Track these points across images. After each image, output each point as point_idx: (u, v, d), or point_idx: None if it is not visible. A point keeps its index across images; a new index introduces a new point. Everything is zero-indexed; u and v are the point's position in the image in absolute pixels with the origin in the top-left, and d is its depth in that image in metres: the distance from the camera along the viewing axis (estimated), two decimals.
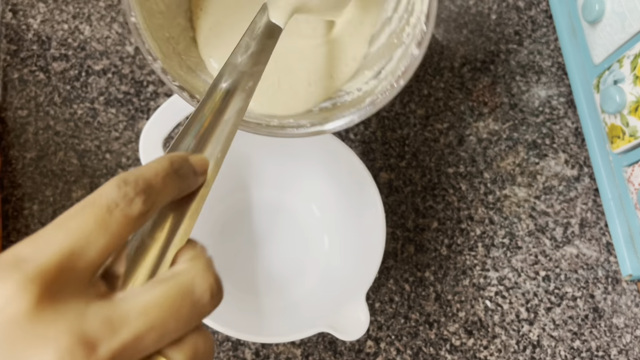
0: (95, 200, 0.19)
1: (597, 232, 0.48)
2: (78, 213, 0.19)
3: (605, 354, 0.45)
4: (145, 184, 0.20)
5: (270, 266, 0.43)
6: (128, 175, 0.20)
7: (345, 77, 0.38)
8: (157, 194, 0.20)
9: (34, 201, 0.44)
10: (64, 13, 0.50)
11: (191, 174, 0.22)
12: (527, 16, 0.53)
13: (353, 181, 0.42)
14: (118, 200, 0.19)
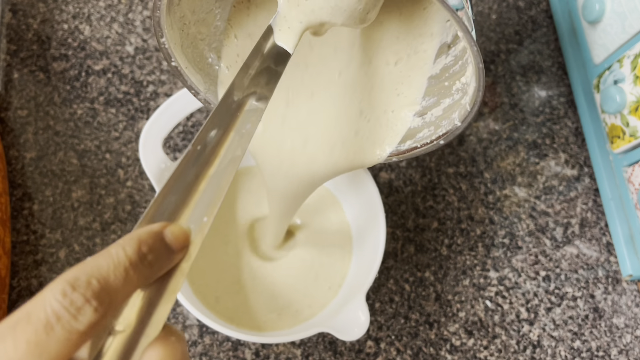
0: (30, 314, 0.15)
1: (597, 232, 0.48)
2: (7, 334, 0.15)
3: (605, 354, 0.45)
4: (100, 285, 0.16)
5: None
6: (77, 274, 0.16)
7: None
8: (116, 295, 0.16)
9: (34, 201, 0.44)
10: (64, 13, 0.50)
11: (164, 254, 0.19)
12: (527, 16, 0.53)
13: (353, 181, 0.42)
14: (60, 313, 0.15)
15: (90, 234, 0.44)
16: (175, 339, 0.18)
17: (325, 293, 0.42)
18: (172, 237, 0.19)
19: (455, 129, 0.31)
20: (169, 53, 0.31)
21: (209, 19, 0.33)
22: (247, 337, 0.36)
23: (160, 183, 0.39)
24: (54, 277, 0.43)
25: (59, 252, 0.43)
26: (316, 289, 0.42)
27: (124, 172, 0.46)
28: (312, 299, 0.42)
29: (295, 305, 0.41)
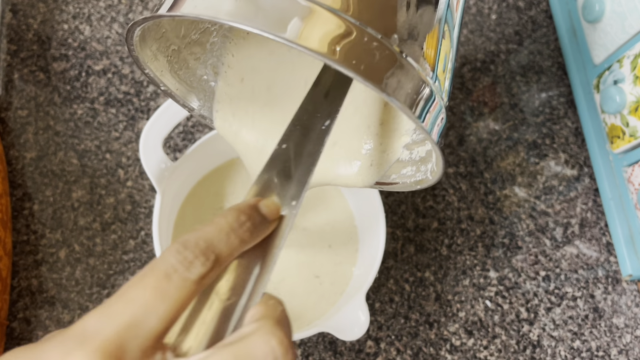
0: (154, 267, 0.19)
1: (597, 232, 0.48)
2: (137, 282, 0.19)
3: (605, 354, 0.45)
4: (206, 244, 0.20)
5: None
6: (188, 237, 0.20)
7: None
8: (220, 253, 0.20)
9: (34, 201, 0.44)
10: (64, 13, 0.50)
11: (260, 222, 0.22)
12: (527, 16, 0.53)
13: None
14: (176, 266, 0.19)
15: (90, 234, 0.44)
16: (275, 302, 0.21)
17: (328, 300, 0.42)
18: (266, 209, 0.22)
19: (427, 181, 0.31)
20: (156, 81, 0.31)
21: (203, 38, 0.33)
22: None
23: (160, 183, 0.39)
24: (54, 277, 0.43)
25: (59, 252, 0.43)
26: (319, 296, 0.42)
27: (124, 172, 0.46)
28: (315, 308, 0.41)
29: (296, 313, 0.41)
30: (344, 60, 0.21)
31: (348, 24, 0.21)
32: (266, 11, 0.21)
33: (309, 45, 0.20)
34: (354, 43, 0.21)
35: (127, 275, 0.43)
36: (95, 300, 0.42)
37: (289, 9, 0.21)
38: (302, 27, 0.21)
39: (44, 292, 0.43)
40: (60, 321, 0.42)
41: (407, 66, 0.22)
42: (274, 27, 0.21)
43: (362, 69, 0.21)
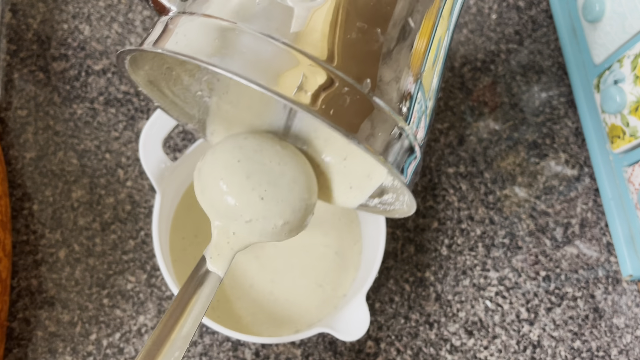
0: None
1: (597, 232, 0.48)
2: None
3: (605, 354, 0.45)
4: None
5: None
6: None
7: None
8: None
9: (34, 201, 0.44)
10: (63, 13, 0.50)
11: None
12: (528, 16, 0.53)
13: None
14: None
15: (90, 234, 0.44)
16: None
17: (330, 303, 0.42)
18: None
19: (404, 212, 0.32)
20: (151, 97, 0.31)
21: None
22: (247, 337, 0.36)
23: (160, 183, 0.39)
24: (53, 277, 0.43)
25: (58, 252, 0.43)
26: (321, 301, 0.42)
27: (124, 172, 0.46)
28: (316, 312, 0.41)
29: (296, 318, 0.41)
30: (322, 111, 0.21)
31: (328, 72, 0.22)
32: (245, 54, 0.21)
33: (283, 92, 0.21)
34: (332, 93, 0.21)
35: (126, 275, 0.43)
36: (94, 300, 0.42)
37: (268, 55, 0.22)
38: (280, 74, 0.21)
39: (43, 292, 0.42)
40: (60, 321, 0.42)
41: (384, 114, 0.23)
42: (254, 73, 0.21)
43: (334, 116, 0.21)
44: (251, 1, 0.23)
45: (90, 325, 0.42)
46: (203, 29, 0.22)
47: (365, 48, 0.23)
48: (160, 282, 0.43)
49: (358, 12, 0.23)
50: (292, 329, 0.40)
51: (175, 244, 0.41)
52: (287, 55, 0.22)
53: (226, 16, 0.22)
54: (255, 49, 0.22)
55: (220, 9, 0.23)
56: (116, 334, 0.42)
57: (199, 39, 0.22)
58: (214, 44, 0.22)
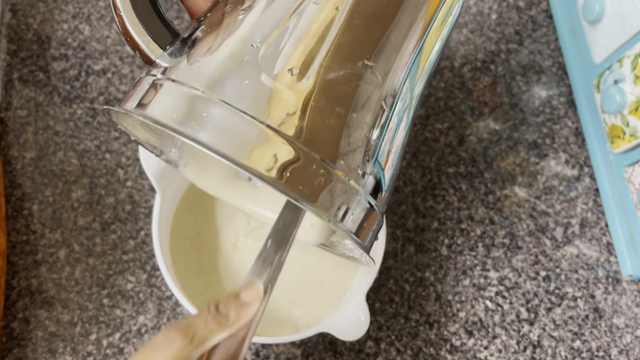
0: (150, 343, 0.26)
1: (597, 232, 0.48)
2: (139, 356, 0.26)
3: (605, 354, 0.45)
4: (189, 324, 0.26)
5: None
6: (180, 322, 0.27)
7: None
8: (197, 333, 0.26)
9: (34, 201, 0.44)
10: (63, 13, 0.50)
11: (237, 307, 0.28)
12: (528, 16, 0.53)
13: None
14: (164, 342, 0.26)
15: (90, 234, 0.44)
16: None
17: (330, 303, 0.42)
18: (248, 296, 0.29)
19: (362, 263, 0.34)
20: (128, 133, 0.32)
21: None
22: None
23: (160, 183, 0.38)
24: (53, 277, 0.43)
25: (58, 252, 0.43)
26: (321, 301, 0.42)
27: (124, 172, 0.46)
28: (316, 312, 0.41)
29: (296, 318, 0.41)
30: (285, 184, 0.24)
31: (292, 146, 0.24)
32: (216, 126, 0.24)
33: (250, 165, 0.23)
34: (297, 167, 0.24)
35: (126, 275, 0.43)
36: (94, 300, 0.42)
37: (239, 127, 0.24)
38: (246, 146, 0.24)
39: (43, 292, 0.42)
40: (60, 321, 0.42)
41: (343, 183, 0.25)
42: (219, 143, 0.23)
43: (295, 189, 0.24)
44: (228, 76, 0.25)
45: (90, 325, 0.42)
46: (182, 98, 0.24)
47: (328, 123, 0.25)
48: (160, 282, 0.43)
49: (324, 91, 0.25)
50: (292, 329, 0.40)
51: (175, 244, 0.41)
52: (254, 128, 0.24)
53: (204, 87, 0.25)
54: (226, 122, 0.24)
55: (200, 80, 0.25)
56: (116, 334, 0.42)
57: (176, 107, 0.24)
58: (189, 112, 0.24)
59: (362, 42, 0.26)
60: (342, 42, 0.25)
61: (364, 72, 0.26)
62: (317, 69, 0.25)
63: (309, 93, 0.25)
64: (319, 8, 0.26)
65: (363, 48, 0.26)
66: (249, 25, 0.26)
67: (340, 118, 0.25)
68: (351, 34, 0.26)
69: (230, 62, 0.25)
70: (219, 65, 0.25)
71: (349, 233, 0.26)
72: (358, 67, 0.26)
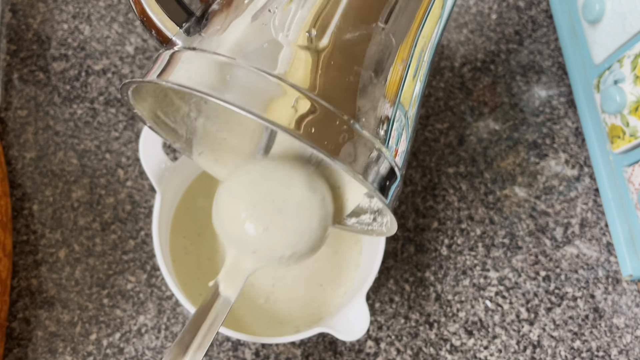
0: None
1: (597, 232, 0.48)
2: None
3: (605, 354, 0.45)
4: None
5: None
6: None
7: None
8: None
9: (34, 201, 0.44)
10: (63, 13, 0.50)
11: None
12: (528, 16, 0.53)
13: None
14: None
15: (90, 234, 0.44)
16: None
17: (330, 303, 0.42)
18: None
19: (382, 233, 0.34)
20: (143, 119, 0.32)
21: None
22: (247, 337, 0.36)
23: (160, 183, 0.39)
24: (54, 277, 0.43)
25: (59, 252, 0.43)
26: (321, 302, 0.42)
27: (124, 172, 0.46)
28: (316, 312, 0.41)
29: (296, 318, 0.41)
30: (307, 135, 0.24)
31: (313, 102, 0.24)
32: (240, 86, 0.24)
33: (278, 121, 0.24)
34: (316, 120, 0.24)
35: (126, 275, 0.43)
36: (94, 300, 0.42)
37: (261, 86, 0.24)
38: (270, 103, 0.24)
39: (43, 292, 0.42)
40: (60, 321, 0.42)
41: (364, 139, 0.25)
42: (248, 103, 0.24)
43: (317, 139, 0.24)
44: (248, 40, 0.26)
45: (90, 325, 0.42)
46: (204, 63, 0.25)
47: (346, 81, 0.26)
48: (160, 282, 0.43)
49: (340, 51, 0.26)
50: (292, 329, 0.40)
51: (175, 244, 0.41)
52: (277, 86, 0.24)
53: (225, 52, 0.25)
54: (249, 82, 0.24)
55: (230, 49, 0.25)
56: (116, 334, 0.42)
57: (200, 72, 0.25)
58: (213, 77, 0.25)
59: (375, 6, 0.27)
60: (355, 5, 0.26)
61: (378, 34, 0.27)
62: (332, 30, 0.26)
63: (326, 52, 0.25)
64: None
65: (376, 11, 0.27)
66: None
67: (357, 76, 0.26)
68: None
69: (248, 28, 0.26)
70: (238, 31, 0.26)
71: (375, 189, 0.26)
72: (372, 28, 0.27)
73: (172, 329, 0.42)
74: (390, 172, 0.27)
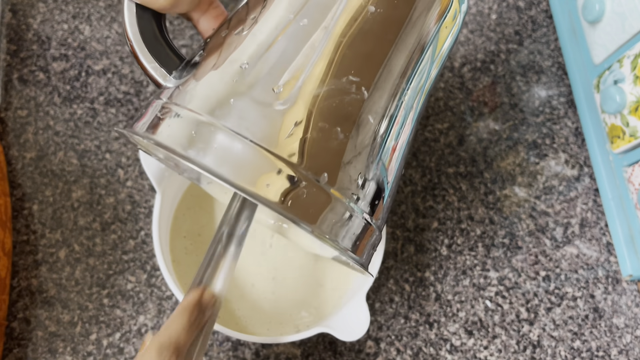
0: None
1: (597, 232, 0.48)
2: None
3: (605, 354, 0.45)
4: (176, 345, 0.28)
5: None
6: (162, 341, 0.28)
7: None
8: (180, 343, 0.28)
9: (34, 201, 0.44)
10: (63, 13, 0.50)
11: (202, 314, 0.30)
12: (527, 16, 0.53)
13: None
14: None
15: (90, 234, 0.44)
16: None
17: (330, 303, 0.42)
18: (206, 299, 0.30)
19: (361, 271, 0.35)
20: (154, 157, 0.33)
21: None
22: (247, 337, 0.36)
23: (160, 183, 0.39)
24: (54, 277, 0.43)
25: (59, 252, 0.43)
26: (321, 302, 0.42)
27: (124, 172, 0.46)
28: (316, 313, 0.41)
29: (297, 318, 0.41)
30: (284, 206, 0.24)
31: (285, 167, 0.25)
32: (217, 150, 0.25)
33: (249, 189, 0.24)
34: (295, 190, 0.25)
35: (126, 275, 0.43)
36: (94, 300, 0.42)
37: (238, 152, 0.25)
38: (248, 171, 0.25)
39: (43, 292, 0.42)
40: (60, 321, 0.42)
41: (339, 203, 0.26)
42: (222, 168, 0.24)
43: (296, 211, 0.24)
44: (227, 99, 0.26)
45: (90, 325, 0.42)
46: (185, 123, 0.26)
47: (326, 144, 0.26)
48: (160, 282, 0.43)
49: (322, 113, 0.25)
50: (292, 329, 0.40)
51: (175, 244, 0.41)
52: (255, 152, 0.25)
53: (204, 112, 0.26)
54: (227, 146, 0.25)
55: (201, 105, 0.26)
56: (116, 334, 0.42)
57: (179, 132, 0.26)
58: (192, 137, 0.25)
59: (346, 59, 0.26)
60: (327, 59, 0.26)
61: (349, 88, 0.26)
62: (301, 86, 0.26)
63: (296, 110, 0.25)
64: (306, 28, 0.27)
65: (347, 65, 0.26)
66: (239, 47, 0.27)
67: (328, 133, 0.26)
68: (337, 52, 0.26)
69: (222, 84, 0.26)
70: (212, 87, 0.26)
71: (345, 250, 0.27)
72: (342, 82, 0.26)
73: None
74: (366, 228, 0.27)
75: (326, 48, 0.26)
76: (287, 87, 0.26)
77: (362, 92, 0.26)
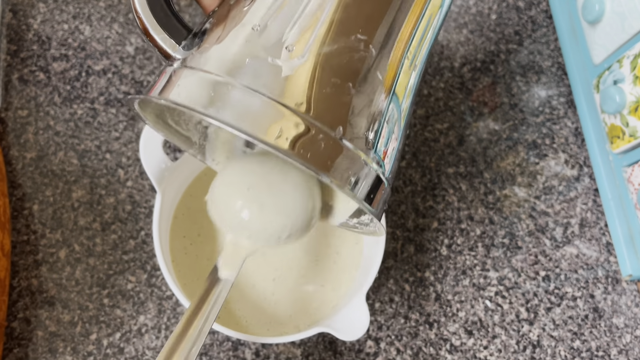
0: None
1: (597, 232, 0.48)
2: None
3: (605, 354, 0.45)
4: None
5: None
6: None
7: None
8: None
9: (34, 201, 0.44)
10: (64, 13, 0.50)
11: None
12: (527, 16, 0.54)
13: None
14: None
15: (90, 234, 0.44)
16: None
17: (330, 303, 0.42)
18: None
19: (376, 234, 0.35)
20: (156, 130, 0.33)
21: None
22: (247, 337, 0.36)
23: (160, 183, 0.39)
24: (54, 277, 0.43)
25: (59, 252, 0.43)
26: (321, 302, 0.42)
27: (124, 172, 0.46)
28: (316, 313, 0.41)
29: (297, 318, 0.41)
30: (298, 153, 0.25)
31: (300, 119, 0.26)
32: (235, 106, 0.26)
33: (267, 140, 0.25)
34: (308, 139, 0.26)
35: (127, 275, 0.43)
36: (95, 300, 0.43)
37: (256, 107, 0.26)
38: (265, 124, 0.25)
39: (44, 292, 0.43)
40: (60, 321, 0.42)
41: (352, 154, 0.27)
42: (242, 123, 0.25)
43: (309, 159, 0.25)
44: (242, 59, 0.27)
45: (90, 325, 0.42)
46: (201, 83, 0.27)
47: (338, 99, 0.27)
48: (160, 282, 0.43)
49: (322, 64, 0.27)
50: (292, 329, 0.41)
51: (175, 244, 0.41)
52: (271, 107, 0.26)
53: (221, 72, 0.27)
54: (244, 102, 0.26)
55: (217, 66, 0.27)
56: (116, 334, 0.42)
57: (197, 91, 0.26)
58: (209, 96, 0.26)
59: (354, 18, 0.28)
60: (334, 19, 0.27)
61: (358, 45, 0.28)
62: (312, 44, 0.27)
63: (307, 67, 0.27)
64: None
65: (355, 23, 0.28)
66: (250, 11, 0.28)
67: (340, 88, 0.27)
68: (343, 10, 0.28)
69: (235, 45, 0.27)
70: (226, 49, 0.27)
71: (361, 201, 0.27)
72: (352, 40, 0.27)
73: (173, 329, 0.42)
74: (378, 183, 0.28)
75: (333, 8, 0.28)
76: (298, 45, 0.27)
77: (369, 49, 0.28)
